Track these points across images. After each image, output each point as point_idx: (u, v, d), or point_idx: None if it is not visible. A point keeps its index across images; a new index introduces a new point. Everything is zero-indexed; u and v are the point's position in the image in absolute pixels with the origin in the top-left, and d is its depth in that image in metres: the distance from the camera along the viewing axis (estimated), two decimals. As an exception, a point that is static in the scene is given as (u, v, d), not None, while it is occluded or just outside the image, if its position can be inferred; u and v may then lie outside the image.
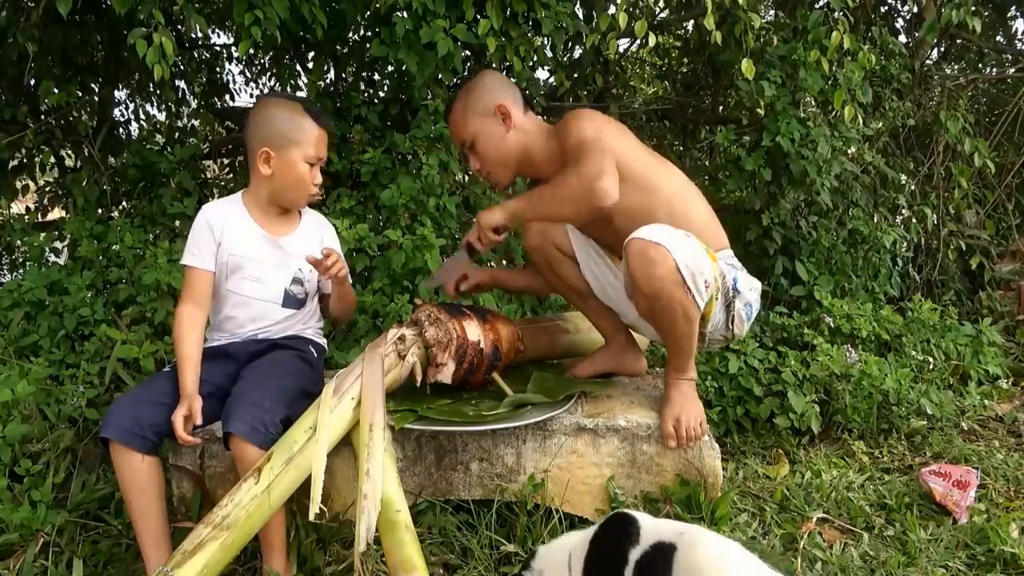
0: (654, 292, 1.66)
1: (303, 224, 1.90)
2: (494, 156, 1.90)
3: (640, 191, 1.79)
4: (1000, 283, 3.72)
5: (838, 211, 3.22)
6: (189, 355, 1.66)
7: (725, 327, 1.84)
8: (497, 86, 1.90)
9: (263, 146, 1.76)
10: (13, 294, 2.48)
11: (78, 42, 3.15)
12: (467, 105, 1.89)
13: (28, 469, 1.88)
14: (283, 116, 1.76)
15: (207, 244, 1.77)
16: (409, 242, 2.56)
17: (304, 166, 1.78)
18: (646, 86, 5.13)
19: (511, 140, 1.88)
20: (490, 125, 1.87)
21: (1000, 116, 3.70)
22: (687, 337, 1.74)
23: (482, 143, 1.89)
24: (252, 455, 1.51)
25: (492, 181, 1.97)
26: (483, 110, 1.87)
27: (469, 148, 1.92)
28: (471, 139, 1.90)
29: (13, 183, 3.33)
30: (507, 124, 1.87)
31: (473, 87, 1.90)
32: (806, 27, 2.93)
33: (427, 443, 1.76)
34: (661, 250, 1.63)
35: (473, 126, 1.88)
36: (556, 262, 2.03)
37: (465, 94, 1.90)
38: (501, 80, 1.94)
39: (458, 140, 1.94)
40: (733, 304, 1.83)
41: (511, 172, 1.94)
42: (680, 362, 1.80)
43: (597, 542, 1.26)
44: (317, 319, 1.96)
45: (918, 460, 2.26)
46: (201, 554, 1.37)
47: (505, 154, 1.89)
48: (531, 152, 1.90)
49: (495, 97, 1.87)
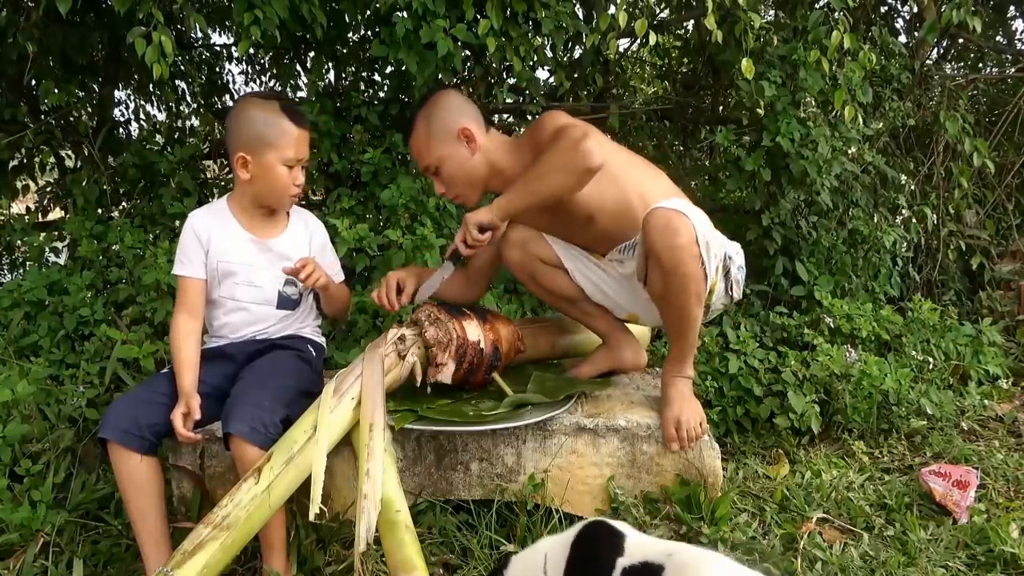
0: (672, 264, 1.64)
1: (291, 224, 1.89)
2: (462, 179, 1.89)
3: (616, 187, 1.83)
4: (1000, 283, 3.71)
5: (838, 211, 3.22)
6: (186, 359, 1.66)
7: (725, 294, 1.86)
8: (456, 108, 1.87)
9: (239, 151, 1.73)
10: (13, 294, 2.48)
11: (78, 42, 3.14)
12: (429, 131, 1.86)
13: (28, 469, 1.88)
14: (259, 118, 1.73)
15: (195, 252, 1.76)
16: (409, 242, 2.56)
17: (282, 168, 1.75)
18: (646, 86, 5.12)
19: (476, 162, 1.87)
20: (454, 149, 1.86)
21: (1000, 116, 3.69)
22: (693, 320, 1.74)
23: (448, 168, 1.88)
24: (252, 455, 1.51)
25: (460, 202, 1.96)
26: (445, 135, 1.85)
27: (434, 173, 1.91)
28: (436, 164, 1.88)
29: (13, 183, 3.33)
30: (471, 147, 1.86)
31: (432, 111, 1.87)
32: (806, 27, 2.93)
33: (427, 443, 1.76)
34: (684, 220, 1.63)
35: (437, 152, 1.86)
36: (542, 274, 2.00)
37: (425, 119, 1.87)
38: (459, 101, 1.91)
39: (422, 165, 1.92)
40: (730, 271, 1.84)
41: (479, 192, 1.94)
42: (681, 354, 1.80)
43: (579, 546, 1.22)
44: (314, 318, 1.96)
45: (918, 460, 2.26)
46: (201, 554, 1.37)
47: (472, 176, 1.89)
48: (499, 167, 1.89)
49: (456, 121, 1.85)
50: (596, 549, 1.20)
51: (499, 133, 1.96)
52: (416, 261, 2.54)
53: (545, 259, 2.00)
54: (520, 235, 1.99)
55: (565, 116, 1.81)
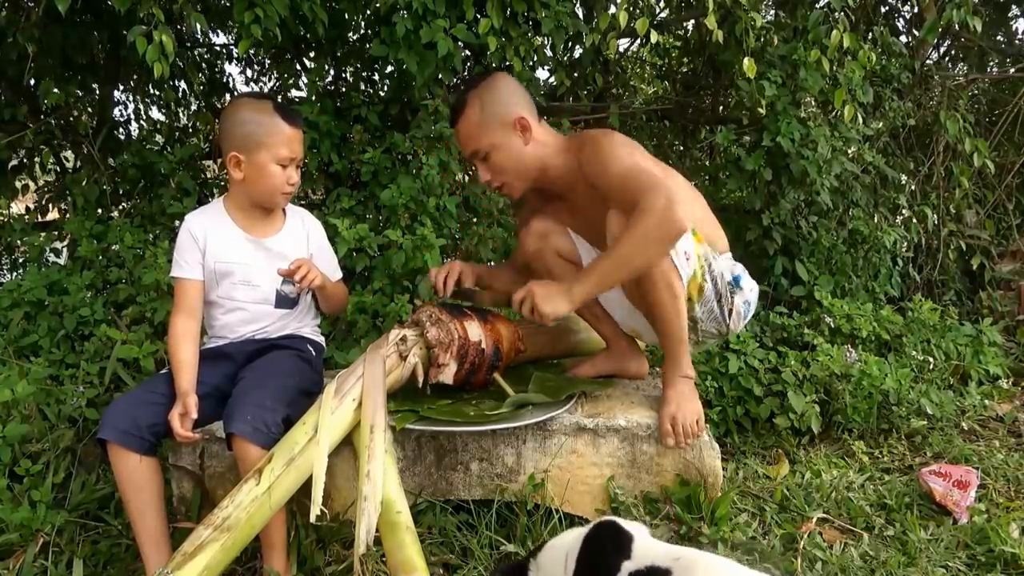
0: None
1: (288, 223, 1.88)
2: (513, 170, 1.82)
3: None
4: (1000, 283, 3.72)
5: (838, 211, 3.22)
6: (184, 360, 1.67)
7: (721, 319, 1.84)
8: (514, 95, 1.80)
9: (232, 151, 1.73)
10: (13, 294, 2.48)
11: (78, 42, 3.14)
12: (483, 115, 1.78)
13: (28, 469, 1.88)
14: (251, 118, 1.72)
15: (192, 254, 1.76)
16: (409, 242, 2.56)
17: (275, 168, 1.74)
18: (646, 86, 5.12)
19: (529, 154, 1.80)
20: (508, 137, 1.78)
21: (1000, 116, 3.69)
22: (676, 316, 1.73)
23: (499, 157, 1.80)
24: (255, 455, 1.51)
25: (504, 192, 1.89)
26: (501, 122, 1.77)
27: (482, 159, 1.83)
28: (486, 151, 1.80)
29: (13, 183, 3.33)
30: (526, 137, 1.79)
31: (488, 94, 1.79)
32: (806, 27, 2.93)
33: (427, 443, 1.76)
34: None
35: (489, 138, 1.78)
36: (560, 269, 1.96)
37: (479, 101, 1.78)
38: (515, 87, 1.84)
39: (468, 149, 1.84)
40: (733, 299, 1.83)
41: (527, 185, 1.86)
42: (675, 353, 1.79)
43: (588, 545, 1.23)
44: (313, 317, 1.96)
45: (918, 460, 2.26)
46: (201, 555, 1.37)
47: (523, 167, 1.82)
48: (547, 164, 1.83)
49: (513, 108, 1.78)
50: (603, 550, 1.20)
51: (549, 127, 1.89)
52: (416, 261, 2.54)
53: (562, 253, 1.97)
54: (542, 226, 1.96)
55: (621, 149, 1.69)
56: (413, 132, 2.92)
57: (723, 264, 1.86)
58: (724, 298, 1.83)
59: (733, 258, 1.96)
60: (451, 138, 2.88)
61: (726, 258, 1.90)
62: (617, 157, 1.68)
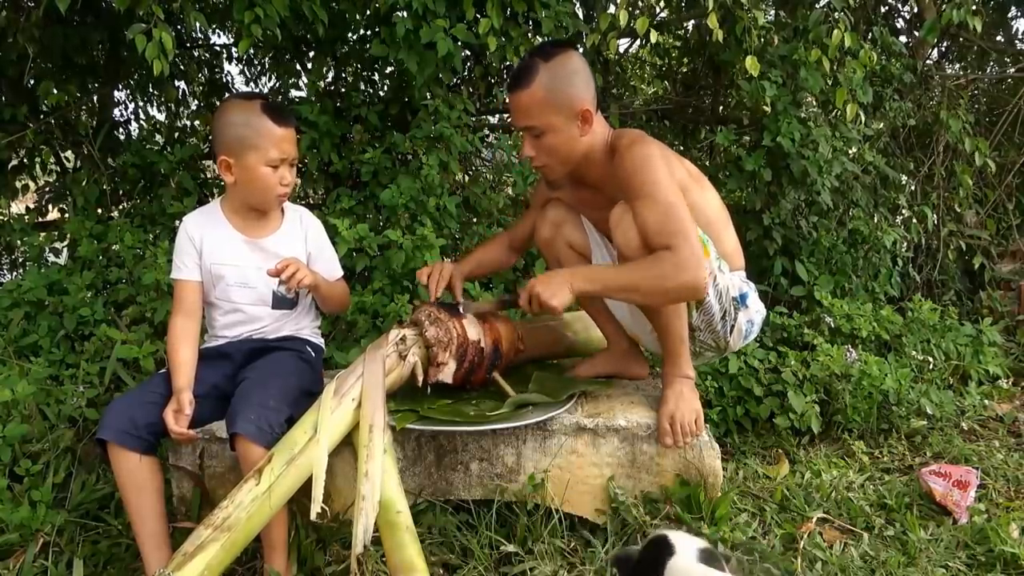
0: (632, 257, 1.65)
1: (286, 222, 1.87)
2: (561, 155, 1.79)
3: None
4: (1000, 283, 3.72)
5: (838, 211, 3.22)
6: (181, 360, 1.67)
7: (721, 334, 1.84)
8: (583, 80, 1.74)
9: (222, 154, 1.71)
10: (13, 294, 2.48)
11: (78, 42, 3.14)
12: (549, 94, 1.70)
13: (28, 469, 1.88)
14: (239, 120, 1.69)
15: (189, 256, 1.76)
16: (409, 242, 2.56)
17: (265, 169, 1.71)
18: (646, 86, 5.12)
19: (582, 145, 1.78)
20: (568, 124, 1.73)
21: (1000, 116, 3.69)
22: (677, 316, 1.74)
23: (553, 139, 1.75)
24: (258, 455, 1.51)
25: (543, 173, 1.87)
26: (566, 107, 1.72)
27: (533, 135, 1.76)
28: (542, 130, 1.74)
29: (13, 183, 3.33)
30: (584, 129, 1.76)
31: (559, 73, 1.71)
32: (807, 26, 2.93)
33: (427, 443, 1.76)
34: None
35: (549, 118, 1.72)
36: (570, 261, 1.97)
37: (549, 77, 1.70)
38: (587, 73, 1.76)
39: (522, 122, 1.76)
40: (736, 315, 1.83)
41: (567, 171, 1.84)
42: (675, 353, 1.79)
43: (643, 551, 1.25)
44: (313, 318, 1.95)
45: (918, 460, 2.26)
46: (201, 556, 1.37)
47: (571, 156, 1.79)
48: (589, 159, 1.81)
49: (582, 97, 1.72)
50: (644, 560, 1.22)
51: (603, 118, 1.85)
52: (416, 261, 2.54)
53: (574, 245, 1.97)
54: (557, 215, 1.96)
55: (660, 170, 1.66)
56: (413, 132, 2.92)
57: (731, 279, 1.84)
58: (728, 314, 1.82)
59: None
60: (451, 138, 2.88)
61: (738, 275, 1.88)
62: (655, 183, 1.65)
